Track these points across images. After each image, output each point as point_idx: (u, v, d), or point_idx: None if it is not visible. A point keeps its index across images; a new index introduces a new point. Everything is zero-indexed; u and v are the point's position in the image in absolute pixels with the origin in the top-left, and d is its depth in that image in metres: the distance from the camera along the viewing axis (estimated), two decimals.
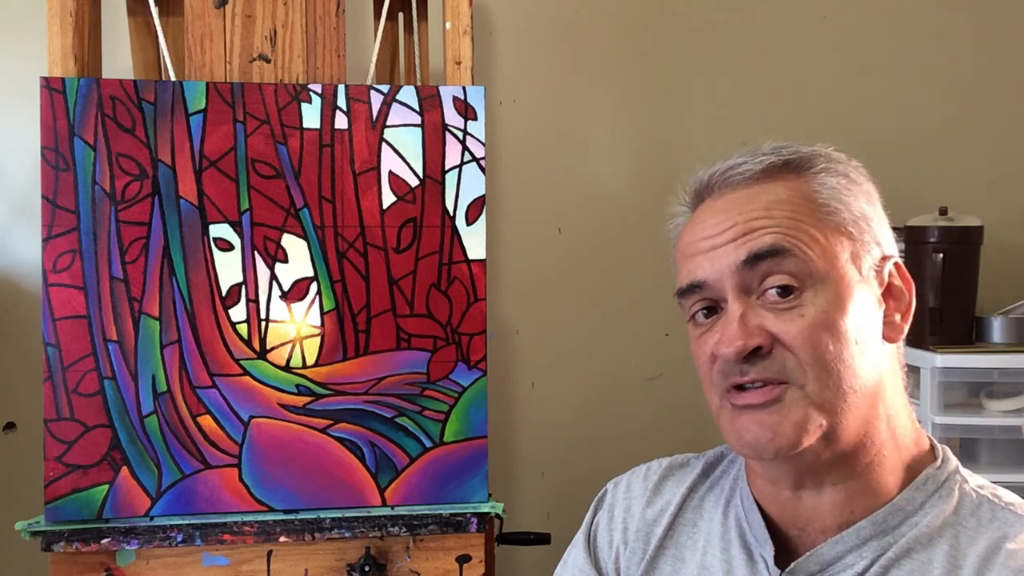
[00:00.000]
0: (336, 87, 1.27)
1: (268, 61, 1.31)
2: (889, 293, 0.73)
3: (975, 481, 0.73)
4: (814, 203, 0.71)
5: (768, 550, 0.73)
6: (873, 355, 0.70)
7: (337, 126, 1.27)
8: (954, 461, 0.74)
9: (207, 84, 1.25)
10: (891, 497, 0.71)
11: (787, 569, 0.71)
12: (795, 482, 0.72)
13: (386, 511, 1.25)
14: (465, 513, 1.25)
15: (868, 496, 0.71)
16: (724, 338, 0.69)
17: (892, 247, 0.75)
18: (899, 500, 0.70)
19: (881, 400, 0.71)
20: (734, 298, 0.70)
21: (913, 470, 0.72)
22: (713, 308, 0.72)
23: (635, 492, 0.84)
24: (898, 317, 0.74)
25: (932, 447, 0.75)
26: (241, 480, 1.24)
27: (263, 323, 1.25)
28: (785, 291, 0.69)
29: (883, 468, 0.71)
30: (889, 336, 0.73)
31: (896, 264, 0.74)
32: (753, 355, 0.68)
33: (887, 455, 0.71)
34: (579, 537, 0.86)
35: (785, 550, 0.73)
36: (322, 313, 1.26)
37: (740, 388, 0.69)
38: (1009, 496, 0.72)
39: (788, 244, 0.69)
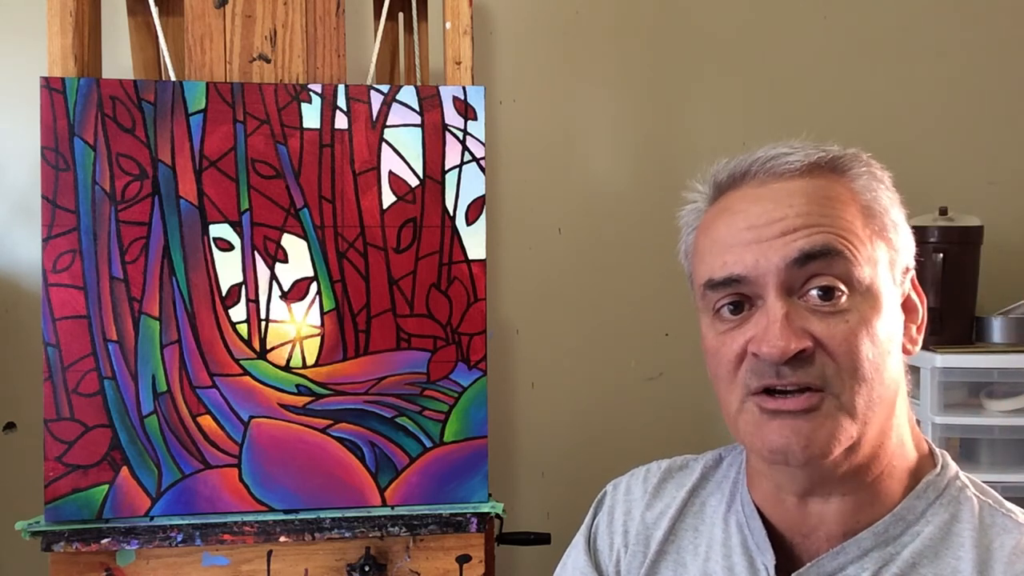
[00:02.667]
0: (336, 87, 1.27)
1: (268, 61, 1.31)
2: (906, 306, 0.72)
3: (976, 487, 0.73)
4: (861, 204, 0.70)
5: (769, 558, 0.72)
6: (896, 366, 0.69)
7: (337, 126, 1.27)
8: (953, 467, 0.74)
9: (207, 84, 1.25)
10: (894, 506, 0.70)
11: None
12: (804, 490, 0.71)
13: (386, 511, 1.25)
14: (465, 513, 1.25)
15: (876, 506, 0.70)
16: (767, 337, 0.65)
17: (912, 259, 0.74)
18: (899, 510, 0.70)
19: (895, 411, 0.71)
20: (776, 296, 0.67)
21: (915, 477, 0.72)
22: (740, 304, 0.69)
23: (635, 495, 0.84)
24: (914, 330, 0.73)
25: (931, 452, 0.75)
26: (241, 480, 1.24)
27: (263, 323, 1.25)
28: (827, 293, 0.66)
29: (892, 478, 0.71)
30: (907, 348, 0.72)
31: (912, 278, 0.74)
32: (794, 358, 0.65)
33: (896, 464, 0.71)
34: (579, 539, 0.86)
35: (788, 558, 0.72)
36: (322, 313, 1.26)
37: (769, 392, 0.67)
38: (1009, 504, 0.72)
39: (840, 246, 0.67)
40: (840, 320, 0.66)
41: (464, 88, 1.30)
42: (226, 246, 1.25)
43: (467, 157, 1.29)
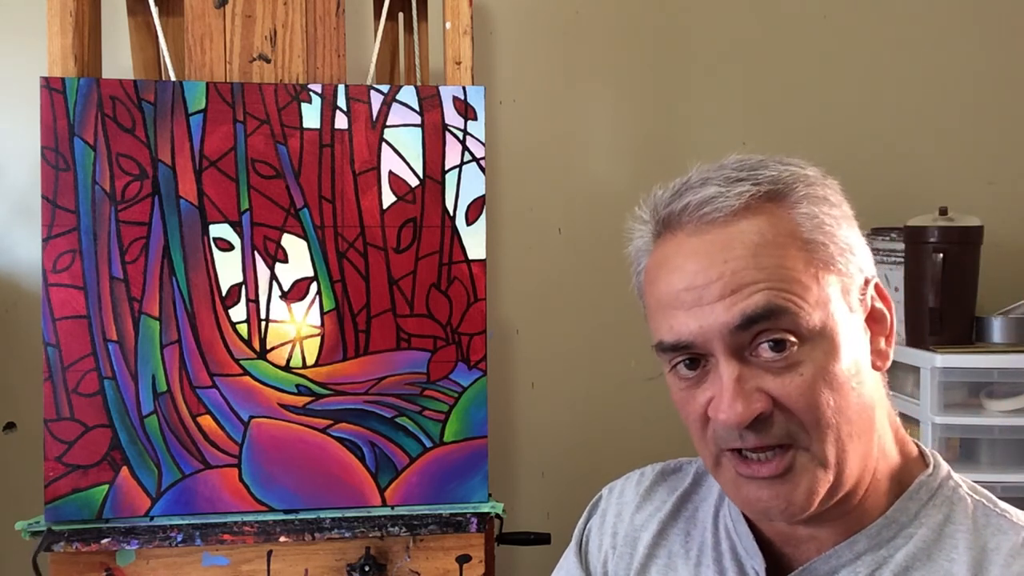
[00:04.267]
0: (336, 87, 1.27)
1: (268, 61, 1.31)
2: (872, 318, 0.70)
3: (968, 486, 0.72)
4: (800, 240, 0.66)
5: (759, 563, 0.71)
6: (866, 391, 0.68)
7: (337, 126, 1.27)
8: (945, 467, 0.73)
9: (207, 84, 1.25)
10: (885, 510, 0.69)
11: None
12: (791, 522, 0.70)
13: (386, 511, 1.25)
14: (465, 513, 1.25)
15: (866, 520, 0.70)
16: (723, 405, 0.64)
17: (872, 268, 0.71)
18: (892, 512, 0.69)
19: (873, 429, 0.69)
20: (726, 360, 0.65)
21: (903, 480, 0.71)
22: (696, 359, 0.68)
23: (627, 498, 0.84)
24: (883, 342, 0.71)
25: (921, 454, 0.74)
26: (241, 480, 1.24)
27: (263, 323, 1.25)
28: (779, 345, 0.64)
29: (878, 491, 0.70)
30: (877, 365, 0.70)
31: (876, 285, 0.71)
32: (754, 421, 0.64)
33: (880, 478, 0.70)
34: (572, 543, 0.86)
35: (778, 564, 0.72)
36: (322, 313, 1.26)
37: (741, 452, 0.66)
38: (1003, 503, 0.71)
39: (782, 302, 0.64)
40: (795, 374, 0.64)
41: (464, 88, 1.30)
42: (226, 246, 1.25)
43: (467, 157, 1.29)
